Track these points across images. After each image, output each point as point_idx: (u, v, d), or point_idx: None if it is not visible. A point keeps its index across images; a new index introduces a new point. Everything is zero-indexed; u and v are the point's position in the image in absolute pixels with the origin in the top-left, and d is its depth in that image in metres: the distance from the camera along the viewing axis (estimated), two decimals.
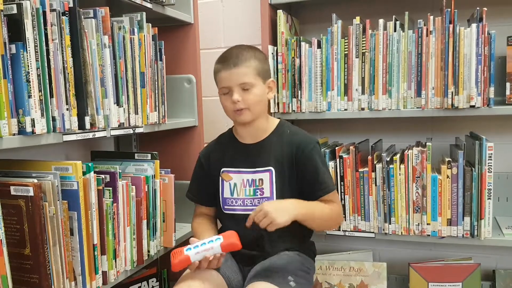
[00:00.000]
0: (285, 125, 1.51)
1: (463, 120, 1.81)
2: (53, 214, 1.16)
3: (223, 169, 1.49)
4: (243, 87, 1.38)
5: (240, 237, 1.33)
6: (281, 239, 1.45)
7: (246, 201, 1.46)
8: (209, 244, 1.28)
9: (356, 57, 1.71)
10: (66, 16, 1.20)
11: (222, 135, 1.58)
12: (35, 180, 1.14)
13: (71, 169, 1.22)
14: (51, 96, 1.16)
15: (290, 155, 1.44)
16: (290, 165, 1.43)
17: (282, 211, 1.30)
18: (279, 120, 1.52)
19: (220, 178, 1.49)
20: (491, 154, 1.57)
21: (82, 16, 1.26)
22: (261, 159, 1.45)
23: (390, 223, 1.70)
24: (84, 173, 1.25)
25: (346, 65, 1.72)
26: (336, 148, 1.75)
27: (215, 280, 1.36)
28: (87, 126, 1.27)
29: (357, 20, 1.70)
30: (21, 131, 1.09)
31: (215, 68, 1.44)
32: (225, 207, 1.49)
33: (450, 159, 1.64)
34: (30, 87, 1.10)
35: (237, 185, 1.47)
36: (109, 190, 1.37)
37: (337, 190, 1.73)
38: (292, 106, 1.80)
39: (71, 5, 1.21)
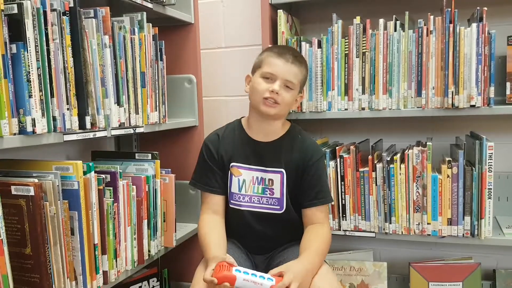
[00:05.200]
0: (296, 129, 1.52)
1: (464, 119, 1.81)
2: (54, 213, 1.16)
3: (232, 164, 1.48)
4: (287, 84, 1.39)
5: (245, 233, 1.42)
6: (285, 234, 1.49)
7: (254, 198, 1.47)
8: (259, 278, 1.24)
9: (356, 57, 1.71)
10: (67, 16, 1.20)
11: (230, 126, 1.54)
12: (36, 180, 1.14)
13: (72, 169, 1.23)
14: (52, 96, 1.16)
15: (300, 161, 1.45)
16: (298, 170, 1.45)
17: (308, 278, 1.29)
18: (290, 123, 1.53)
19: (229, 172, 1.48)
20: (491, 153, 1.57)
21: (83, 16, 1.26)
22: (273, 160, 1.46)
23: (390, 223, 1.70)
24: (84, 173, 1.25)
25: (346, 65, 1.72)
26: (337, 147, 1.75)
27: None
28: (88, 126, 1.27)
29: (357, 20, 1.70)
30: (22, 130, 1.09)
31: (269, 53, 1.43)
32: (231, 201, 1.48)
33: (451, 159, 1.64)
34: (31, 87, 1.10)
35: (246, 181, 1.47)
36: (109, 190, 1.37)
37: (338, 190, 1.74)
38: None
39: (71, 5, 1.22)
